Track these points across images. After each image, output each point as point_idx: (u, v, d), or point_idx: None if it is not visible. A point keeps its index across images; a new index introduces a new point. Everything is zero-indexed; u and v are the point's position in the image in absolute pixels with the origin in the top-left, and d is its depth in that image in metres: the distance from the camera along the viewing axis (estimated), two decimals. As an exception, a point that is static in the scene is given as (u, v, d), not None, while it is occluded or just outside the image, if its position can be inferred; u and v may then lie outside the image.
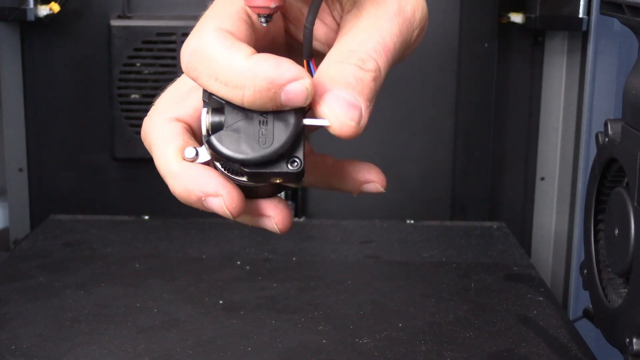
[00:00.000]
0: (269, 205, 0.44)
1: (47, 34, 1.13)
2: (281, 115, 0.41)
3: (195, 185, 0.42)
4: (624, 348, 0.61)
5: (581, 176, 1.07)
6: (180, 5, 1.14)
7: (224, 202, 0.42)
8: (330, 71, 0.42)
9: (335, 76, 0.42)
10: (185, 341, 0.71)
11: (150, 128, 0.45)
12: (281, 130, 0.41)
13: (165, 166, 0.43)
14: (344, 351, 0.70)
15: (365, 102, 0.42)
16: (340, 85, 0.41)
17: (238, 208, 0.42)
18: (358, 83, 0.42)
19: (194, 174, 0.42)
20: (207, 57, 0.41)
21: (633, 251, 0.60)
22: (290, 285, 0.85)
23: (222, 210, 0.42)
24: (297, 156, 0.41)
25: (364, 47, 0.43)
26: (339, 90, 0.41)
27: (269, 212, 0.44)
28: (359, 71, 0.42)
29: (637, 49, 0.62)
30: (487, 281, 0.86)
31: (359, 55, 0.42)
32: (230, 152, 0.41)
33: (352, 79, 0.42)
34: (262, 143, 0.41)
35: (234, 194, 0.42)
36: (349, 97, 0.41)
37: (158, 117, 0.46)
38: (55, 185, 1.17)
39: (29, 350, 0.69)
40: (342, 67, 0.42)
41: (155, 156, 0.44)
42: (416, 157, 1.17)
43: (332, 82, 0.41)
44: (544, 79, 1.15)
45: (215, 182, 0.42)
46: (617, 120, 0.64)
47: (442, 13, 1.14)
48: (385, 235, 1.02)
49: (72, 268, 0.89)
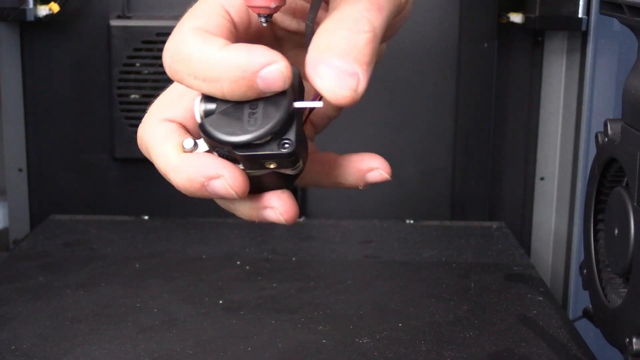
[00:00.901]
0: (272, 196, 0.44)
1: (46, 34, 1.13)
2: (271, 99, 0.41)
3: (196, 171, 0.42)
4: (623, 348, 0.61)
5: (581, 176, 1.07)
6: (179, 5, 1.12)
7: (227, 182, 0.41)
8: (321, 40, 0.40)
9: (328, 44, 0.39)
10: (185, 341, 0.71)
11: (146, 131, 0.45)
12: (271, 113, 0.41)
13: (165, 162, 0.43)
14: (344, 351, 0.70)
15: (363, 66, 0.39)
16: (334, 54, 0.39)
17: (242, 187, 0.41)
18: (352, 48, 0.39)
19: (194, 161, 0.42)
20: (183, 57, 0.41)
21: (633, 251, 0.60)
22: (290, 285, 0.85)
23: (227, 191, 0.41)
24: (288, 137, 0.41)
25: (354, 9, 0.40)
26: (332, 58, 0.39)
27: (272, 203, 0.43)
28: (352, 35, 0.40)
29: (636, 49, 0.62)
30: (487, 281, 0.86)
31: (351, 18, 0.40)
32: (221, 135, 0.41)
33: (346, 45, 0.39)
34: (251, 125, 0.41)
35: (236, 173, 0.41)
36: (344, 65, 0.39)
37: (152, 120, 0.45)
38: (55, 185, 1.17)
39: (29, 350, 0.69)
40: (333, 34, 0.40)
41: (154, 156, 0.44)
42: (416, 157, 1.17)
43: (324, 51, 0.39)
44: (543, 79, 1.15)
45: (216, 164, 0.42)
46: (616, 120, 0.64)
47: (442, 13, 1.14)
48: (385, 235, 1.02)
49: (72, 268, 0.89)
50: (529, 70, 1.15)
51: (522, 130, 1.17)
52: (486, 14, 1.14)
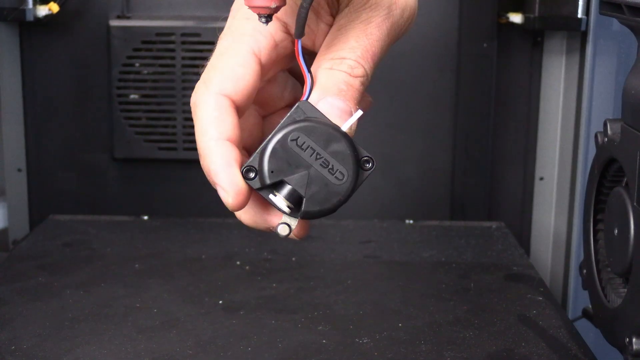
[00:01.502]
0: None
1: (46, 34, 1.13)
2: (330, 144, 0.44)
3: (209, 171, 0.45)
4: (623, 348, 0.61)
5: (580, 176, 1.07)
6: (179, 5, 1.14)
7: (222, 195, 0.45)
8: (322, 78, 0.46)
9: (327, 83, 0.46)
10: (185, 341, 0.71)
11: (202, 104, 0.46)
12: (340, 154, 0.44)
13: (204, 144, 0.45)
14: (344, 351, 0.70)
15: (355, 105, 0.46)
16: (333, 93, 0.46)
17: (237, 206, 0.45)
18: (348, 89, 0.46)
19: (213, 159, 0.45)
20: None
21: (632, 251, 0.60)
22: (290, 285, 0.85)
23: (225, 201, 0.45)
24: (364, 156, 0.45)
25: (353, 54, 0.46)
26: (332, 98, 0.46)
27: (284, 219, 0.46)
28: (348, 78, 0.46)
29: (636, 49, 0.62)
30: (486, 281, 0.86)
31: (348, 63, 0.46)
32: (329, 206, 0.44)
33: (343, 85, 0.46)
34: (339, 179, 0.43)
35: (232, 192, 0.45)
36: (341, 104, 0.46)
37: (211, 93, 0.46)
38: (55, 185, 1.17)
39: (29, 350, 0.69)
40: (332, 74, 0.46)
41: (199, 131, 0.46)
42: (415, 157, 1.17)
43: (325, 89, 0.46)
44: (543, 79, 1.15)
45: (223, 176, 0.44)
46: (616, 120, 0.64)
47: (442, 13, 1.14)
48: (384, 235, 1.02)
49: (72, 268, 0.89)
50: (529, 70, 1.15)
51: (521, 131, 1.17)
52: (486, 14, 1.14)
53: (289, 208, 0.44)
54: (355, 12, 0.47)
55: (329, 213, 0.44)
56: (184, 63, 1.11)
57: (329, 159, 0.44)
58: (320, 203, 0.44)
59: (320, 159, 0.44)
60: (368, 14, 0.47)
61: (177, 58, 1.11)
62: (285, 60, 0.49)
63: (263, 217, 0.47)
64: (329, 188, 0.44)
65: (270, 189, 0.44)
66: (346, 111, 0.46)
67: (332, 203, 0.44)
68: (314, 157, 0.44)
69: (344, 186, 0.44)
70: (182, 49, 1.10)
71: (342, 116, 0.45)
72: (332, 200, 0.44)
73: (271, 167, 0.44)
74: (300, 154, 0.44)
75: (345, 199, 0.44)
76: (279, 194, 0.44)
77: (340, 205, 0.44)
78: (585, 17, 1.04)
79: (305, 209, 0.44)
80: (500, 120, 1.17)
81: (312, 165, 0.44)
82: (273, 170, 0.44)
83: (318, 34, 0.49)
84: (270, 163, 0.44)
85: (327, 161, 0.44)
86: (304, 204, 0.44)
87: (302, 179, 0.44)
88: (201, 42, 1.11)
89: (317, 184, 0.44)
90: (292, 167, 0.44)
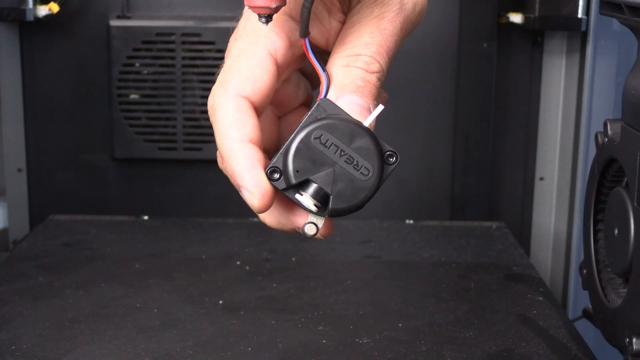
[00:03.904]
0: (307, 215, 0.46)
1: (46, 34, 1.13)
2: (354, 140, 0.44)
3: (233, 173, 0.45)
4: (623, 348, 0.61)
5: (580, 176, 1.07)
6: (179, 5, 1.14)
7: (247, 197, 0.45)
8: (339, 76, 0.46)
9: (345, 81, 0.46)
10: (185, 341, 0.71)
11: (221, 105, 0.46)
12: (364, 150, 0.44)
13: (226, 147, 0.45)
14: (344, 351, 0.70)
15: (372, 101, 0.46)
16: (351, 90, 0.46)
17: (263, 207, 0.45)
18: (366, 85, 0.46)
19: (237, 161, 0.44)
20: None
21: (632, 251, 0.60)
22: (290, 285, 0.85)
23: (250, 202, 0.45)
24: (388, 150, 0.45)
25: (368, 50, 0.46)
26: (350, 95, 0.46)
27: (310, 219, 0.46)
28: (365, 74, 0.46)
29: (636, 49, 0.62)
30: (486, 281, 0.86)
31: (364, 59, 0.46)
32: (356, 202, 0.44)
33: (360, 82, 0.46)
34: (365, 175, 0.43)
35: (258, 193, 0.45)
36: (360, 101, 0.46)
37: (229, 95, 0.46)
38: (55, 185, 1.17)
39: (29, 350, 0.69)
40: (349, 71, 0.46)
41: (219, 133, 0.46)
42: (415, 157, 1.17)
43: (342, 87, 0.46)
44: (543, 79, 1.15)
45: (250, 179, 0.44)
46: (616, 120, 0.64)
47: (442, 13, 1.14)
48: (384, 235, 1.02)
49: (72, 268, 0.89)
50: (529, 70, 1.16)
51: (521, 131, 1.17)
52: (486, 14, 1.14)
53: (315, 207, 0.44)
54: (367, 8, 0.47)
55: (357, 209, 0.44)
56: (184, 63, 1.11)
57: (354, 155, 0.44)
58: (347, 200, 0.44)
59: (345, 155, 0.43)
60: (380, 9, 0.47)
61: (177, 58, 1.11)
62: (299, 59, 0.49)
63: (288, 218, 0.46)
64: (355, 184, 0.43)
65: (296, 189, 0.44)
66: (365, 107, 0.46)
67: (359, 199, 0.44)
68: (338, 154, 0.44)
69: (370, 181, 0.44)
70: (182, 49, 1.11)
71: (361, 112, 0.46)
72: (359, 197, 0.44)
73: (296, 167, 0.44)
74: (325, 152, 0.43)
75: (372, 194, 0.44)
76: (305, 193, 0.44)
77: (367, 200, 0.44)
78: (586, 17, 1.04)
79: (333, 207, 0.44)
80: (500, 120, 1.17)
81: (337, 163, 0.43)
82: (298, 170, 0.44)
83: (331, 32, 0.48)
84: (294, 162, 0.43)
85: (351, 157, 0.43)
86: (331, 201, 0.44)
87: (328, 176, 0.43)
88: (201, 42, 1.11)
89: (343, 181, 0.43)
90: (316, 166, 0.43)
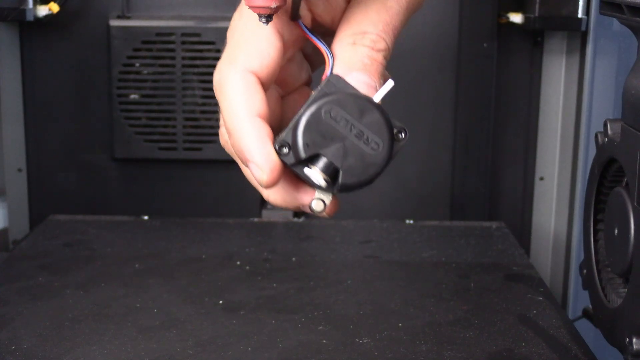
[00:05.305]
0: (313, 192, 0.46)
1: (46, 34, 1.13)
2: (364, 115, 0.43)
3: (238, 150, 0.45)
4: (623, 348, 0.61)
5: (580, 176, 1.07)
6: (179, 5, 1.14)
7: (254, 172, 0.44)
8: (345, 54, 0.46)
9: (352, 59, 0.46)
10: (185, 341, 0.71)
11: (228, 80, 0.46)
12: (374, 125, 0.43)
13: (234, 120, 0.45)
14: (344, 351, 0.70)
15: (379, 80, 0.46)
16: (358, 68, 0.45)
17: (271, 182, 0.45)
18: (372, 63, 0.46)
19: (244, 140, 0.44)
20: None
21: (632, 251, 0.60)
22: (290, 285, 0.85)
23: (256, 178, 0.44)
24: (397, 125, 0.44)
25: (374, 28, 0.46)
26: (357, 73, 0.45)
27: None
28: (371, 52, 0.46)
29: (636, 49, 0.62)
30: (486, 281, 0.86)
31: (371, 37, 0.46)
32: (366, 177, 0.43)
33: (367, 60, 0.46)
34: (375, 150, 0.43)
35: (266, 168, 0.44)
36: (367, 79, 0.45)
37: (238, 69, 0.46)
38: (55, 185, 1.17)
39: (29, 350, 0.69)
40: (355, 49, 0.46)
41: (225, 108, 0.45)
42: (415, 157, 1.17)
43: (349, 65, 0.45)
44: (543, 79, 1.15)
45: (258, 154, 0.44)
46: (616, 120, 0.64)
47: (442, 13, 1.14)
48: (384, 235, 1.02)
49: (72, 268, 0.89)
50: (529, 70, 1.16)
51: (521, 130, 1.17)
52: (486, 14, 1.14)
53: (325, 182, 0.43)
54: None
55: (366, 185, 0.43)
56: (184, 63, 1.11)
57: (364, 130, 0.43)
58: (357, 175, 0.43)
59: (355, 130, 0.43)
60: None
61: (177, 58, 1.11)
62: (304, 37, 0.48)
63: (293, 195, 0.46)
64: (365, 159, 0.43)
65: (305, 164, 0.43)
66: (372, 86, 0.45)
67: (369, 174, 0.43)
68: (349, 128, 0.43)
69: (380, 156, 0.43)
70: (182, 49, 1.11)
71: (368, 90, 0.45)
72: (369, 171, 0.43)
73: (306, 141, 0.43)
74: (335, 126, 0.43)
75: (381, 170, 0.43)
76: (314, 167, 0.43)
77: (377, 176, 0.43)
78: (586, 17, 1.04)
79: (343, 182, 0.43)
80: (500, 120, 1.17)
81: (348, 137, 0.43)
82: (308, 144, 0.43)
83: (337, 10, 0.48)
84: (305, 136, 0.43)
85: (361, 132, 0.43)
86: (341, 176, 0.43)
87: (338, 151, 0.43)
88: (201, 42, 1.11)
89: (353, 156, 0.43)
90: (327, 140, 0.43)
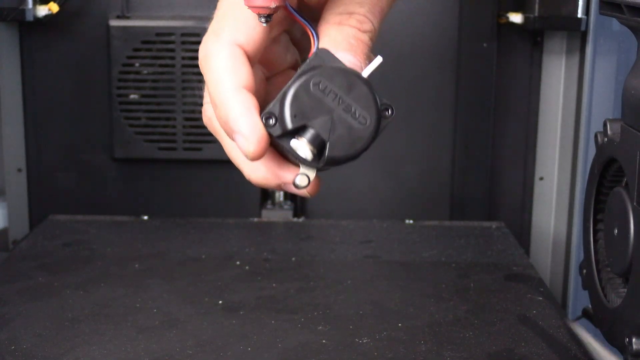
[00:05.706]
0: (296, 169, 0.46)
1: (45, 34, 1.13)
2: (352, 89, 0.43)
3: (227, 120, 0.44)
4: (623, 348, 0.61)
5: (580, 176, 1.07)
6: (179, 5, 1.13)
7: (241, 143, 0.44)
8: (331, 34, 0.46)
9: (337, 39, 0.46)
10: (185, 341, 0.71)
11: (214, 53, 0.47)
12: (362, 99, 0.43)
13: (220, 93, 0.45)
14: (344, 351, 0.70)
15: (364, 60, 0.46)
16: (343, 48, 0.46)
17: (257, 154, 0.44)
18: (358, 44, 0.46)
19: (233, 110, 0.44)
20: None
21: (632, 251, 0.60)
22: (290, 285, 0.85)
23: (243, 149, 0.44)
24: (384, 102, 0.44)
25: (361, 9, 0.47)
26: (342, 53, 0.45)
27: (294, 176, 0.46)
28: (357, 33, 0.46)
29: (636, 49, 0.62)
30: (486, 281, 0.86)
31: (357, 18, 0.46)
32: (353, 152, 0.43)
33: (353, 40, 0.46)
34: (362, 124, 0.42)
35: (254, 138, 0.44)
36: (352, 59, 0.45)
37: (223, 43, 0.47)
38: (54, 185, 1.17)
39: (29, 350, 0.69)
40: (341, 29, 0.46)
41: (211, 81, 0.46)
42: (415, 157, 1.17)
43: (335, 44, 0.46)
44: (542, 79, 1.15)
45: (248, 125, 0.44)
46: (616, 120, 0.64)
47: (441, 13, 1.14)
48: (384, 235, 1.02)
49: (72, 268, 0.89)
50: (528, 70, 1.16)
51: (521, 130, 1.17)
52: (485, 14, 1.14)
53: (311, 153, 0.43)
54: None
55: (352, 159, 0.43)
56: (184, 63, 1.11)
57: (352, 104, 0.43)
58: (344, 148, 0.43)
59: (343, 103, 0.43)
60: None
61: (177, 58, 1.11)
62: (290, 19, 0.49)
63: (275, 172, 0.46)
64: (353, 133, 0.43)
65: (291, 136, 0.43)
66: (357, 66, 0.45)
67: (356, 148, 0.43)
68: (337, 101, 0.43)
69: (367, 131, 0.43)
70: (182, 49, 1.10)
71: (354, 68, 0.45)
72: (356, 146, 0.43)
73: (294, 112, 0.43)
74: (323, 99, 0.43)
75: (368, 145, 0.43)
76: (301, 139, 0.43)
77: (363, 151, 0.43)
78: (585, 17, 1.04)
79: (330, 154, 0.43)
80: (500, 120, 1.17)
81: (335, 110, 0.43)
82: (296, 115, 0.43)
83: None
84: (292, 107, 0.43)
85: (350, 106, 0.43)
86: (328, 149, 0.43)
87: (326, 123, 0.43)
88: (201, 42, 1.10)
89: (341, 128, 0.43)
90: (314, 112, 0.43)
